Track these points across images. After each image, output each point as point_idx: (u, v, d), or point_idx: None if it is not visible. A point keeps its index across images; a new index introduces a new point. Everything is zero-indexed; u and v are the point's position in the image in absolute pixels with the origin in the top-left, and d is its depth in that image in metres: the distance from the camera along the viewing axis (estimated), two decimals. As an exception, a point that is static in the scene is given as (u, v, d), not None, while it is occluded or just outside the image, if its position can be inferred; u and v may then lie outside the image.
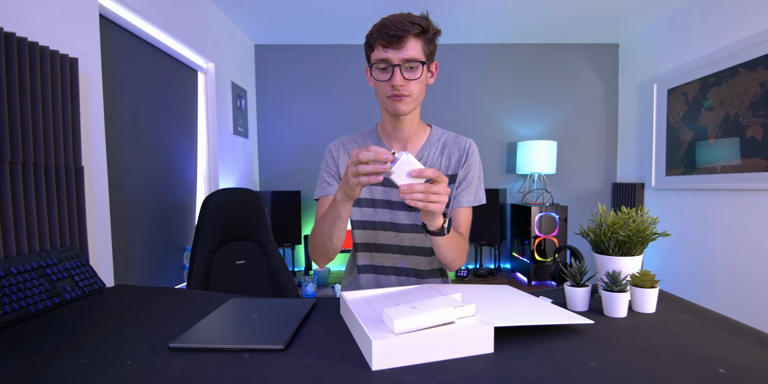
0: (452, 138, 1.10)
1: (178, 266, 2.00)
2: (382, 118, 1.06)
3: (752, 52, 1.84)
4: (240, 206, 1.59)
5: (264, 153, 3.00)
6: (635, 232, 0.84)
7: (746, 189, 1.88)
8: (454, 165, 1.06)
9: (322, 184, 1.07)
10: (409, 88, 0.93)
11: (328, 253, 0.95)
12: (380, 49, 0.91)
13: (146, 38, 1.76)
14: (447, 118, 2.98)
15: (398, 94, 0.92)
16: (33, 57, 0.99)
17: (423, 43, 0.92)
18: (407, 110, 0.96)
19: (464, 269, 2.73)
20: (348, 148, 1.08)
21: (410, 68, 0.92)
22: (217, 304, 0.85)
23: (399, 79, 0.90)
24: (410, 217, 1.05)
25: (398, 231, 1.06)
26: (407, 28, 0.88)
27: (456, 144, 1.08)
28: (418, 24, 0.90)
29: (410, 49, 0.90)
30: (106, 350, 0.63)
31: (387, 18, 0.92)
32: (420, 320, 0.61)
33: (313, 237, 0.97)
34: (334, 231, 0.89)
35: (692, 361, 0.57)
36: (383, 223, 1.06)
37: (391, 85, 0.92)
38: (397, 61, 0.90)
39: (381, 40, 0.90)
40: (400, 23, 0.89)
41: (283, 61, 2.95)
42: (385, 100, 0.95)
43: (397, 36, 0.88)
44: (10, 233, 0.91)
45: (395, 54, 0.90)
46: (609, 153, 2.99)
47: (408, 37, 0.89)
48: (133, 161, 1.68)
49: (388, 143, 1.06)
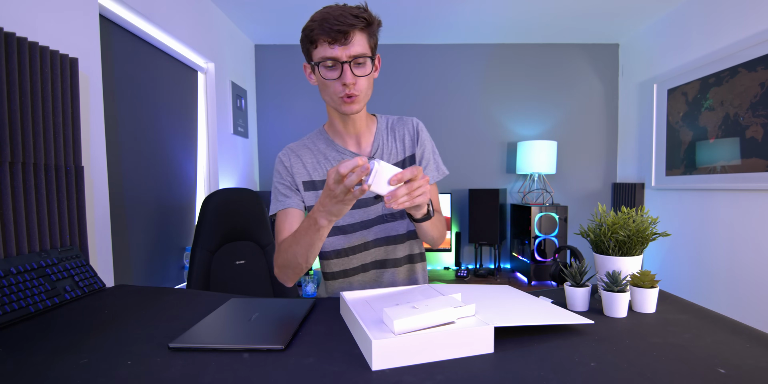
0: (397, 120, 1.07)
1: (178, 266, 2.00)
2: (330, 118, 1.02)
3: (752, 52, 1.84)
4: (240, 206, 1.59)
5: (264, 153, 3.00)
6: (635, 232, 0.84)
7: (746, 189, 1.88)
8: (408, 146, 1.04)
9: (278, 198, 1.00)
10: (359, 85, 0.89)
11: (301, 272, 0.89)
12: (325, 46, 0.85)
13: (146, 38, 1.76)
14: (447, 118, 2.98)
15: (350, 93, 0.88)
16: (33, 57, 0.99)
17: (367, 37, 0.88)
18: (359, 109, 0.93)
19: (464, 269, 2.73)
20: (300, 155, 1.03)
21: (358, 64, 0.87)
22: (217, 304, 0.85)
23: (350, 76, 0.86)
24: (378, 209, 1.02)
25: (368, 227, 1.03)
26: (352, 22, 0.83)
27: (403, 125, 1.05)
28: (362, 17, 0.85)
29: (357, 45, 0.85)
30: (106, 350, 0.63)
31: (326, 11, 0.85)
32: (420, 320, 0.61)
33: (283, 258, 0.88)
34: (312, 252, 0.83)
35: (692, 361, 0.57)
36: (353, 225, 1.03)
37: (342, 84, 0.87)
38: (345, 58, 0.85)
39: (325, 36, 0.84)
40: (342, 17, 0.83)
41: (283, 61, 2.95)
42: (336, 100, 0.90)
43: (342, 31, 0.83)
44: (10, 233, 0.91)
45: (343, 51, 0.84)
46: (609, 153, 2.99)
47: (353, 31, 0.84)
48: (133, 161, 1.68)
49: (341, 142, 1.03)
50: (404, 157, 1.05)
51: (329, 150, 1.03)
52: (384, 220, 1.04)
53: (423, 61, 2.97)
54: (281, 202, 1.00)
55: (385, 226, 1.04)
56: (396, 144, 1.05)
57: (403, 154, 1.04)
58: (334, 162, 1.02)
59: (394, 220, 1.04)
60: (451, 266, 2.91)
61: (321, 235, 0.80)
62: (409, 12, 2.44)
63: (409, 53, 2.95)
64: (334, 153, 1.03)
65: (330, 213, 0.75)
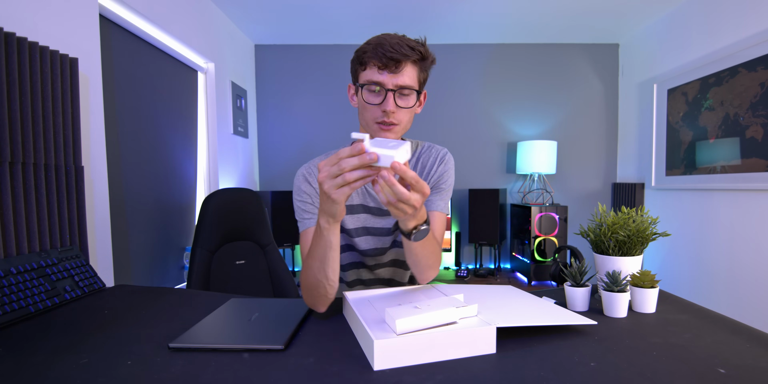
0: (427, 148, 1.04)
1: (178, 266, 2.00)
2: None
3: (752, 52, 1.84)
4: (240, 206, 1.59)
5: (264, 153, 3.00)
6: (635, 232, 0.84)
7: (746, 189, 1.88)
8: (427, 172, 1.00)
9: (303, 216, 0.95)
10: (398, 116, 0.87)
11: (327, 293, 0.77)
12: (374, 70, 0.84)
13: (146, 38, 1.76)
14: (447, 118, 2.98)
15: (388, 121, 0.86)
16: (33, 57, 0.99)
17: (419, 71, 0.87)
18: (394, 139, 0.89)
19: (464, 269, 2.73)
20: None
21: (403, 95, 0.86)
22: (217, 304, 0.85)
23: (392, 104, 0.84)
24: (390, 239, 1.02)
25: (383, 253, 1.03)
26: (407, 53, 0.83)
27: (429, 152, 1.02)
28: (418, 50, 0.84)
29: (406, 76, 0.85)
30: (106, 350, 0.63)
31: (383, 37, 0.85)
32: (422, 320, 0.61)
33: (305, 280, 0.80)
34: (328, 264, 0.75)
35: (692, 361, 0.57)
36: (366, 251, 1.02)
37: (381, 111, 0.85)
38: (391, 85, 0.84)
39: (377, 61, 0.83)
40: (399, 45, 0.82)
41: (283, 61, 2.95)
42: (372, 125, 0.88)
43: (395, 59, 0.82)
44: (10, 233, 0.90)
45: (391, 78, 0.84)
46: (609, 153, 2.99)
47: (406, 62, 0.84)
48: (133, 161, 1.68)
49: None
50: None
51: None
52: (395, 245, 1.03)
53: (423, 61, 2.96)
54: (307, 219, 0.94)
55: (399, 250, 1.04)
56: (417, 168, 1.01)
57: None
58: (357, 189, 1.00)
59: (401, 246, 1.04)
60: (451, 266, 2.91)
61: (327, 240, 0.72)
62: (409, 12, 2.44)
63: (409, 53, 2.95)
64: None
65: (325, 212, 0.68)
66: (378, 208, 1.01)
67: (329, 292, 0.77)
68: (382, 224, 1.01)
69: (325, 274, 0.76)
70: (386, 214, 1.00)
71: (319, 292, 0.77)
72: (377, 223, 1.01)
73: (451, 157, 1.02)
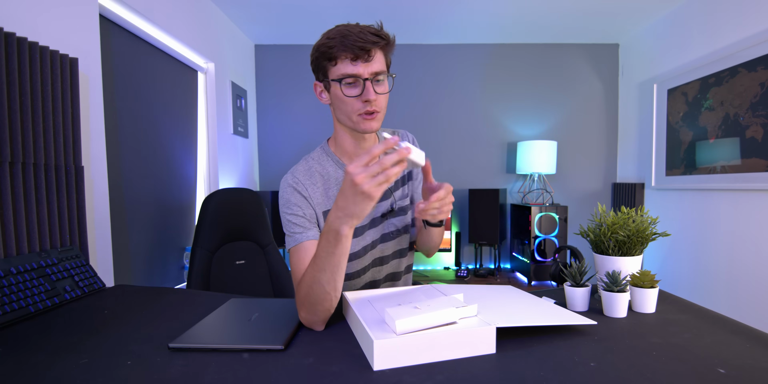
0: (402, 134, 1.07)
1: (178, 266, 2.00)
2: (339, 137, 0.97)
3: (752, 52, 1.84)
4: (240, 206, 1.59)
5: (264, 153, 3.00)
6: (635, 232, 0.84)
7: (746, 189, 1.88)
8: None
9: (294, 230, 0.89)
10: (379, 103, 0.87)
11: (331, 307, 0.74)
12: (346, 63, 0.83)
13: (146, 38, 1.76)
14: (447, 118, 2.98)
15: (371, 110, 0.86)
16: (33, 57, 0.99)
17: (385, 55, 0.88)
18: (378, 127, 0.90)
19: (464, 269, 2.73)
20: (313, 182, 0.95)
21: (378, 82, 0.86)
22: (217, 304, 0.85)
23: (372, 93, 0.84)
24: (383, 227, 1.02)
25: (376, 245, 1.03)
26: (373, 40, 0.82)
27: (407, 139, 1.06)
28: (382, 35, 0.85)
29: (377, 62, 0.85)
30: (106, 350, 0.63)
31: (344, 29, 0.84)
32: (422, 320, 0.61)
33: (306, 294, 0.73)
34: (338, 274, 0.72)
35: (692, 361, 0.57)
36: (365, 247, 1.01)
37: (362, 101, 0.85)
38: (367, 74, 0.84)
39: (348, 53, 0.82)
40: (364, 34, 0.82)
41: (283, 61, 2.95)
42: (355, 118, 0.87)
43: (365, 48, 0.82)
44: (10, 233, 0.90)
45: (365, 68, 0.83)
46: (609, 153, 2.99)
47: (375, 49, 0.84)
48: (133, 161, 1.68)
49: (348, 161, 0.98)
50: (404, 173, 1.05)
51: (340, 174, 0.98)
52: (390, 237, 1.04)
53: (423, 61, 2.97)
54: (298, 234, 0.88)
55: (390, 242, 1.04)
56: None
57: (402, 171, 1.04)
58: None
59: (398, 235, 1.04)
60: (451, 266, 2.91)
61: (344, 248, 0.70)
62: (409, 12, 2.44)
63: (409, 53, 2.95)
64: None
65: (352, 215, 0.66)
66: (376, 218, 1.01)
67: (333, 306, 0.74)
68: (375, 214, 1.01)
69: (334, 286, 0.72)
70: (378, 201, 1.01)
71: (324, 306, 0.73)
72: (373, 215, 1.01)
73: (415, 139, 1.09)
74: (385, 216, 1.01)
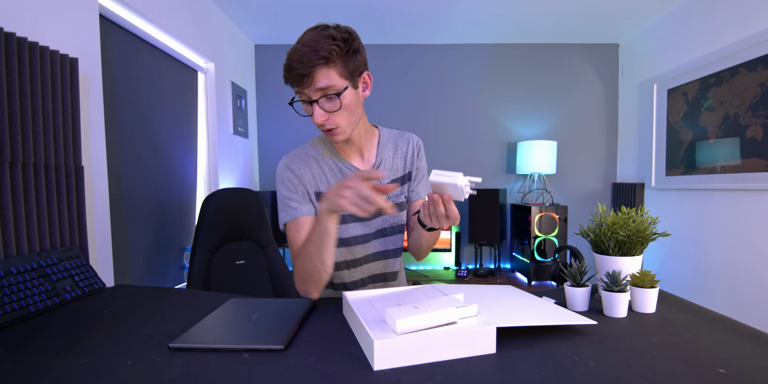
0: (399, 136, 1.07)
1: (178, 266, 2.00)
2: None
3: (752, 52, 1.84)
4: (240, 206, 1.59)
5: (264, 153, 3.00)
6: (635, 232, 0.84)
7: (746, 189, 1.88)
8: (409, 163, 1.06)
9: (288, 206, 0.95)
10: (333, 120, 0.87)
11: (321, 278, 0.85)
12: (294, 86, 0.86)
13: (146, 38, 1.76)
14: (447, 118, 2.98)
15: (325, 130, 0.89)
16: (33, 57, 0.99)
17: (337, 68, 0.83)
18: (344, 138, 0.92)
19: (464, 269, 2.73)
20: (307, 164, 0.99)
21: (328, 98, 0.85)
22: (217, 304, 0.85)
23: (318, 116, 0.85)
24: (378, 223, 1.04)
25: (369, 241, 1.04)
26: (312, 64, 0.81)
27: (406, 142, 1.07)
28: (323, 56, 0.81)
29: (321, 81, 0.82)
30: (106, 350, 0.63)
31: (292, 51, 0.84)
32: (422, 320, 0.61)
33: (300, 265, 0.86)
34: (325, 249, 0.82)
35: (692, 361, 0.57)
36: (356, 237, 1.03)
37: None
38: (313, 95, 0.84)
39: (291, 82, 0.85)
40: (304, 58, 0.81)
41: (283, 61, 2.95)
42: (322, 131, 0.91)
43: (303, 74, 0.82)
44: (10, 233, 0.90)
45: (309, 90, 0.83)
46: (609, 153, 2.99)
47: (314, 71, 0.81)
48: (133, 161, 1.68)
49: (343, 152, 1.01)
50: (404, 173, 1.06)
51: (333, 162, 1.01)
52: (384, 233, 1.05)
53: (423, 61, 2.96)
54: (294, 209, 0.94)
55: (384, 239, 1.06)
56: (398, 160, 1.05)
57: (403, 171, 1.05)
58: (337, 174, 1.00)
59: (393, 234, 1.06)
60: (451, 266, 2.91)
61: (325, 227, 0.80)
62: (409, 12, 2.44)
63: (409, 53, 2.95)
64: (340, 166, 1.01)
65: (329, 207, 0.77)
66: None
67: (324, 277, 0.85)
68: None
69: (321, 259, 0.83)
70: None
71: (315, 276, 0.85)
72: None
73: (421, 143, 1.09)
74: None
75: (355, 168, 1.01)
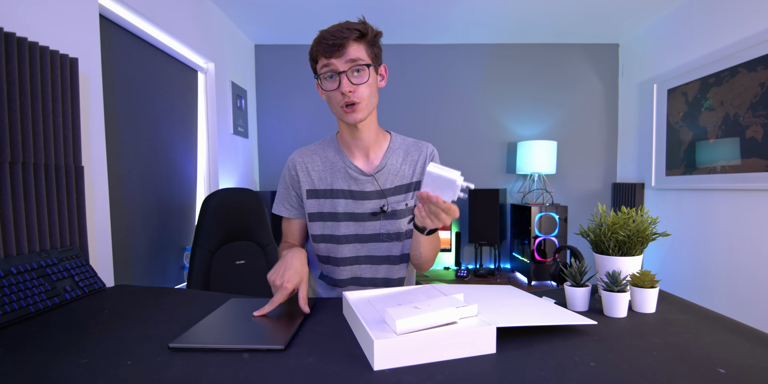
0: (413, 144, 1.07)
1: (178, 266, 2.00)
2: (340, 128, 1.04)
3: (752, 52, 1.84)
4: (240, 206, 1.59)
5: (264, 153, 3.00)
6: (635, 232, 0.84)
7: (746, 189, 1.88)
8: (418, 171, 1.04)
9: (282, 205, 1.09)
10: (358, 93, 0.91)
11: None
12: (323, 60, 0.91)
13: (146, 38, 1.76)
14: (447, 118, 2.98)
15: (349, 101, 0.91)
16: (33, 57, 0.99)
17: (366, 47, 0.92)
18: (362, 117, 0.94)
19: (464, 269, 2.73)
20: (309, 161, 1.05)
21: (357, 71, 0.91)
22: (217, 304, 0.85)
23: (347, 85, 0.90)
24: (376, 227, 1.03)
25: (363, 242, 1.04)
26: (345, 35, 0.88)
27: (418, 150, 1.06)
28: (356, 29, 0.90)
29: (352, 53, 0.90)
30: (106, 350, 0.63)
31: (324, 30, 0.91)
32: (422, 320, 0.61)
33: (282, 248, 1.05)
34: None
35: (692, 361, 0.57)
36: (347, 236, 1.03)
37: (341, 93, 0.90)
38: (342, 67, 0.89)
39: (323, 51, 0.90)
40: (338, 31, 0.89)
41: (283, 61, 2.95)
42: (339, 110, 0.94)
43: (336, 44, 0.88)
44: (10, 233, 0.90)
45: (339, 61, 0.89)
46: (609, 153, 2.99)
47: (348, 42, 0.89)
48: (133, 161, 1.68)
49: (349, 153, 1.04)
50: (411, 181, 1.04)
51: (337, 160, 1.04)
52: (380, 239, 1.04)
53: (423, 61, 2.97)
54: (287, 210, 1.09)
55: (375, 245, 1.04)
56: (406, 167, 1.04)
57: (410, 179, 1.04)
58: (340, 174, 1.02)
59: (389, 240, 1.04)
60: (451, 266, 2.91)
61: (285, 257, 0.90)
62: (409, 12, 2.44)
63: (409, 53, 2.95)
64: (341, 164, 1.03)
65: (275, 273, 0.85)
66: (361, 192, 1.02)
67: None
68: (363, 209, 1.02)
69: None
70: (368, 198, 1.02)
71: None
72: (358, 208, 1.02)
73: (436, 152, 1.08)
74: (376, 215, 1.02)
75: (358, 169, 1.02)
